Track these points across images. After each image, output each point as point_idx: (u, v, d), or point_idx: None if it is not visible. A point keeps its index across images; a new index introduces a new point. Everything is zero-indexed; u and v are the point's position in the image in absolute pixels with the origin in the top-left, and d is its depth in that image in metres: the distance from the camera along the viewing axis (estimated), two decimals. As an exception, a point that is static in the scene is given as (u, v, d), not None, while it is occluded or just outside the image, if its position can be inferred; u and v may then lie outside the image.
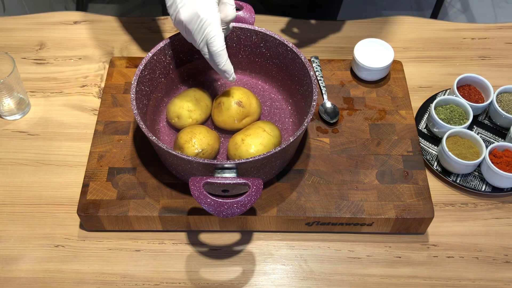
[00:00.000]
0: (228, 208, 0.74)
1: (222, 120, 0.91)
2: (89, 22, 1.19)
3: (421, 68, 1.11)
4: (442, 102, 0.99)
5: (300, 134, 0.81)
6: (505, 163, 0.91)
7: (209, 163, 0.77)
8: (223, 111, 0.90)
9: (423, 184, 0.89)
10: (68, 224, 0.90)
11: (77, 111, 1.04)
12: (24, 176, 0.95)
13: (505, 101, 1.00)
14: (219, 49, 0.80)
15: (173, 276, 0.85)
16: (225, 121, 0.91)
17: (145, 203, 0.86)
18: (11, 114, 1.03)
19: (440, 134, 0.97)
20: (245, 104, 0.90)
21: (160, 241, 0.88)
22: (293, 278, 0.85)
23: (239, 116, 0.90)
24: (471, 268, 0.86)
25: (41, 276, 0.85)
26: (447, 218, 0.91)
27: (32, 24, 1.18)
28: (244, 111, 0.90)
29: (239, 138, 0.86)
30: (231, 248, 0.88)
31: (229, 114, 0.90)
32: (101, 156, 0.91)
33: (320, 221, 0.86)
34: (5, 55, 0.97)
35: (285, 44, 0.91)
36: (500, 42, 1.16)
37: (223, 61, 0.82)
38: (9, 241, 0.88)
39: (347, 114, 0.98)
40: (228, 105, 0.90)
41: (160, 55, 0.91)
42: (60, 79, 1.09)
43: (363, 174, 0.90)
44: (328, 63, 1.05)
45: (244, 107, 0.90)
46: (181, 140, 0.86)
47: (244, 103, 0.90)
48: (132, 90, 0.85)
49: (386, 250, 0.88)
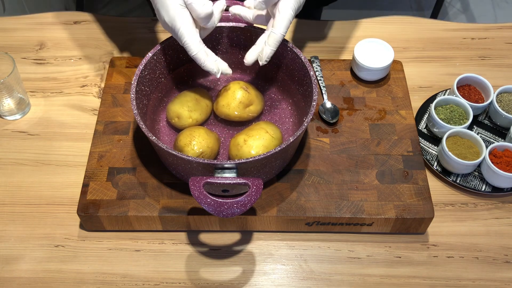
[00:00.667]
0: (228, 208, 0.74)
1: (226, 103, 0.90)
2: (89, 22, 1.19)
3: (421, 68, 1.11)
4: (442, 102, 0.99)
5: (300, 134, 0.81)
6: (505, 163, 0.91)
7: (209, 163, 0.77)
8: (229, 95, 0.90)
9: (423, 184, 0.89)
10: (68, 224, 0.90)
11: (77, 111, 1.04)
12: (24, 176, 0.95)
13: (505, 101, 1.00)
14: (193, 54, 0.82)
15: (173, 276, 0.85)
16: (229, 104, 0.90)
17: (145, 203, 0.86)
18: (11, 114, 1.03)
19: (440, 134, 0.97)
20: (251, 92, 0.91)
21: (160, 241, 0.88)
22: (293, 278, 0.85)
23: (245, 100, 0.90)
24: (471, 268, 0.86)
25: (41, 276, 0.85)
26: (447, 218, 0.91)
27: (32, 24, 1.18)
28: (250, 97, 0.90)
29: (241, 139, 0.86)
30: (231, 248, 0.88)
31: (234, 96, 0.90)
32: (101, 156, 0.91)
33: (320, 221, 0.86)
34: (5, 55, 0.97)
35: (285, 44, 0.91)
36: (500, 42, 1.16)
37: (202, 62, 0.83)
38: (9, 241, 0.88)
39: (347, 114, 0.98)
40: (234, 89, 0.90)
41: (160, 55, 0.91)
42: (60, 79, 1.09)
43: (363, 174, 0.90)
44: (328, 63, 1.05)
45: (249, 93, 0.90)
46: (180, 143, 0.86)
47: (250, 90, 0.91)
48: (132, 90, 0.85)
49: (386, 250, 0.88)
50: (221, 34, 0.95)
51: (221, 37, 0.95)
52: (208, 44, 0.96)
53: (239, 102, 0.90)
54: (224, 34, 0.95)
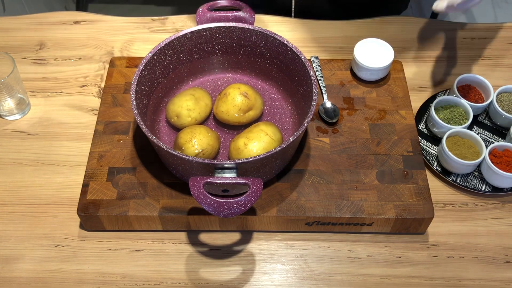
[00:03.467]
0: (228, 208, 0.74)
1: (226, 109, 0.90)
2: (89, 22, 1.19)
3: (421, 68, 1.11)
4: (442, 102, 0.99)
5: (300, 134, 0.81)
6: (505, 163, 0.91)
7: (209, 163, 0.77)
8: (228, 101, 0.90)
9: (423, 184, 0.89)
10: (68, 224, 0.90)
11: (77, 111, 1.04)
12: (24, 176, 0.95)
13: (505, 101, 1.00)
14: None
15: (173, 276, 0.85)
16: (229, 110, 0.90)
17: (145, 203, 0.86)
18: (11, 114, 1.03)
19: (440, 134, 0.97)
20: (250, 97, 0.90)
21: (160, 241, 0.88)
22: (293, 278, 0.85)
23: (244, 107, 0.90)
24: (471, 268, 0.86)
25: (41, 276, 0.85)
26: (447, 218, 0.91)
27: (32, 24, 1.18)
28: (249, 103, 0.90)
29: (242, 142, 0.85)
30: (231, 248, 0.88)
31: (234, 103, 0.90)
32: (101, 156, 0.91)
33: (320, 221, 0.86)
34: (5, 55, 0.97)
35: (285, 44, 0.91)
36: (500, 42, 1.16)
37: None
38: (9, 241, 0.88)
39: (347, 114, 0.98)
40: (234, 95, 0.90)
41: (160, 55, 0.91)
42: (60, 79, 1.09)
43: (363, 174, 0.90)
44: (328, 63, 1.05)
45: (249, 99, 0.90)
46: (181, 140, 0.86)
47: (249, 95, 0.90)
48: (132, 90, 0.85)
49: (386, 250, 0.88)
50: (221, 34, 0.95)
51: (221, 37, 0.95)
52: (208, 44, 0.96)
53: (239, 109, 0.90)
54: (224, 34, 0.95)
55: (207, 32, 0.94)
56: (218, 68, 1.01)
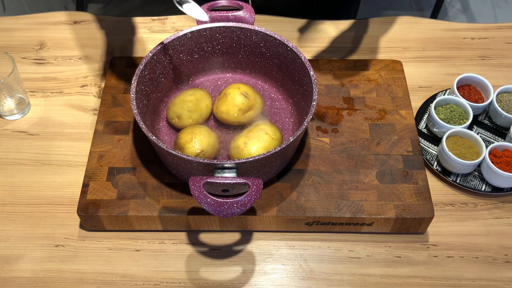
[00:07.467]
0: (228, 208, 0.74)
1: (226, 109, 0.90)
2: (89, 22, 1.19)
3: (421, 68, 1.11)
4: (442, 102, 0.99)
5: (300, 134, 0.81)
6: (505, 163, 0.91)
7: (209, 163, 0.77)
8: (228, 101, 0.90)
9: (423, 184, 0.89)
10: (68, 224, 0.90)
11: (77, 111, 1.04)
12: (24, 176, 0.95)
13: (505, 101, 1.00)
14: None
15: (173, 276, 0.85)
16: (229, 110, 0.90)
17: (145, 203, 0.86)
18: (11, 114, 1.03)
19: (440, 134, 0.97)
20: (250, 97, 0.90)
21: (160, 241, 0.88)
22: (293, 278, 0.85)
23: (244, 107, 0.90)
24: (471, 268, 0.86)
25: (41, 276, 0.85)
26: (447, 218, 0.91)
27: (32, 24, 1.18)
28: (249, 103, 0.90)
29: (242, 142, 0.86)
30: (231, 248, 0.88)
31: (234, 103, 0.90)
32: (101, 156, 0.91)
33: (320, 221, 0.86)
34: (5, 55, 0.97)
35: (285, 44, 0.91)
36: (500, 42, 1.16)
37: None
38: (9, 241, 0.88)
39: (347, 114, 0.98)
40: (234, 95, 0.90)
41: (160, 55, 0.91)
42: (60, 79, 1.09)
43: (363, 174, 0.90)
44: (328, 63, 1.05)
45: (249, 99, 0.90)
46: (181, 141, 0.86)
47: (249, 95, 0.90)
48: (132, 90, 0.85)
49: (386, 250, 0.88)
50: (221, 34, 0.95)
51: (221, 37, 0.95)
52: (208, 44, 0.96)
53: (239, 109, 0.90)
54: (224, 34, 0.95)
55: (207, 32, 0.94)
56: (218, 68, 1.01)
